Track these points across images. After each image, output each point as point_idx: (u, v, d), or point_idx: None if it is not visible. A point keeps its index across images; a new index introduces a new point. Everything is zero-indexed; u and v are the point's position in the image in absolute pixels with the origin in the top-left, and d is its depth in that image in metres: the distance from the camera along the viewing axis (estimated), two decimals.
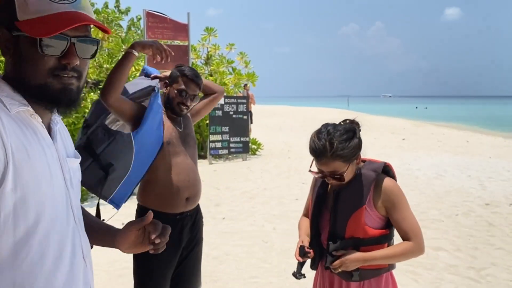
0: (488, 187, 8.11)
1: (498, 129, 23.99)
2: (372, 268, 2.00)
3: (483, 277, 4.26)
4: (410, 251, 1.94)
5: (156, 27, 9.72)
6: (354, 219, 1.97)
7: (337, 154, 1.89)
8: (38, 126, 1.08)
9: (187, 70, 2.54)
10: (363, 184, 1.99)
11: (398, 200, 1.97)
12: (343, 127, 1.98)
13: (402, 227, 1.97)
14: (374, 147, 14.05)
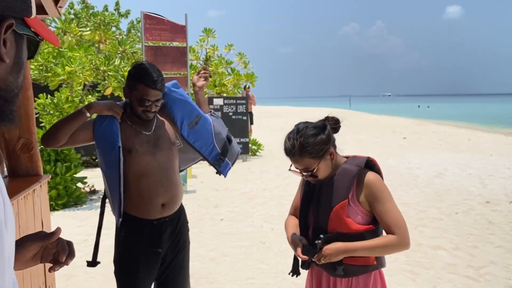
0: (488, 185, 8.07)
1: (500, 127, 23.90)
2: (358, 264, 1.97)
3: (482, 276, 4.22)
4: (393, 244, 1.91)
5: (153, 29, 9.72)
6: (336, 213, 1.95)
7: (304, 151, 1.92)
8: None
9: (145, 74, 2.29)
10: (345, 179, 1.97)
11: (380, 194, 1.95)
12: (313, 124, 1.99)
13: (385, 221, 1.94)
14: (375, 146, 14.02)
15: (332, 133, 2.03)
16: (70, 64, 6.52)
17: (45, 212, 2.63)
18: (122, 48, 7.51)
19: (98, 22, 7.48)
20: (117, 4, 19.39)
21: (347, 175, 1.98)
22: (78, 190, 7.26)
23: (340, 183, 1.98)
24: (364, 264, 1.98)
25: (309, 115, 24.03)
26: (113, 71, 7.26)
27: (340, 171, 2.00)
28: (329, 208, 1.97)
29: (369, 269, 2.00)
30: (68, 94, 6.74)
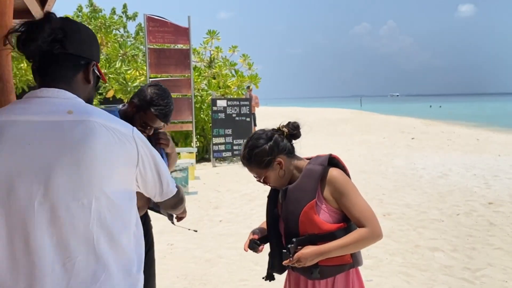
0: (493, 185, 7.95)
1: (509, 127, 23.54)
2: (333, 264, 1.95)
3: (478, 278, 4.16)
4: (364, 237, 1.90)
5: (157, 31, 9.79)
6: (305, 215, 1.94)
7: (249, 161, 2.02)
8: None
9: (159, 105, 2.32)
10: (310, 179, 1.97)
11: (344, 188, 1.94)
12: (261, 135, 2.03)
13: (353, 214, 1.93)
14: (382, 147, 13.92)
15: (280, 141, 2.03)
16: None
17: None
18: (123, 51, 7.56)
19: (98, 25, 7.54)
20: (125, 7, 19.53)
21: (311, 175, 1.97)
22: None
23: (306, 184, 1.97)
24: (339, 264, 1.97)
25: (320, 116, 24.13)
26: (114, 73, 7.31)
27: (305, 173, 2.00)
28: (298, 211, 1.96)
29: (345, 268, 1.99)
30: None
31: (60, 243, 1.23)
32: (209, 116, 11.74)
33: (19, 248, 1.21)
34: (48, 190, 1.21)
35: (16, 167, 1.22)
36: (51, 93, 1.30)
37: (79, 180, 1.23)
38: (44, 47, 1.28)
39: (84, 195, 1.24)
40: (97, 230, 1.26)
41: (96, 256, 1.26)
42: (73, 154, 1.23)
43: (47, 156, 1.22)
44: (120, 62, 7.41)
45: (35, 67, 1.34)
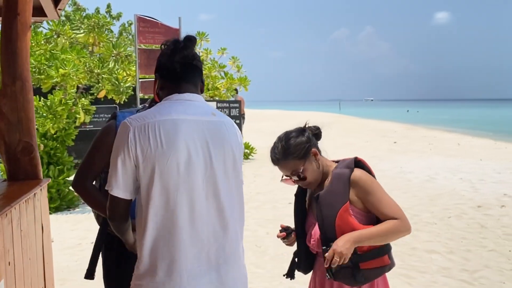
0: (479, 189, 8.15)
1: (488, 132, 24.20)
2: (374, 267, 1.96)
3: (476, 279, 4.26)
4: (397, 227, 1.93)
5: (147, 32, 9.68)
6: (340, 218, 1.96)
7: (287, 153, 2.03)
8: None
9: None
10: (340, 182, 2.00)
11: (369, 187, 1.97)
12: (293, 130, 2.11)
13: (382, 211, 1.95)
14: (366, 150, 14.10)
15: (312, 136, 2.10)
16: (64, 66, 6.47)
17: (45, 216, 2.61)
18: (116, 51, 7.47)
19: (92, 24, 7.44)
20: (109, 6, 19.34)
21: (341, 178, 2.00)
22: (70, 194, 7.20)
23: (337, 188, 2.00)
24: (380, 266, 1.98)
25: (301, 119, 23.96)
26: (107, 73, 7.22)
27: (334, 177, 2.03)
28: (333, 215, 1.97)
29: (385, 270, 2.01)
30: (61, 96, 6.69)
31: (216, 214, 1.65)
32: None
33: (187, 216, 1.60)
34: (211, 174, 1.63)
35: (191, 155, 1.59)
36: (195, 98, 1.72)
37: (231, 167, 1.70)
38: (190, 58, 1.72)
39: (230, 176, 1.70)
40: (240, 204, 1.75)
41: (241, 222, 1.75)
42: (221, 146, 1.67)
43: (207, 147, 1.63)
44: (114, 62, 7.32)
45: (173, 74, 1.71)
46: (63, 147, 7.31)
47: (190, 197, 1.59)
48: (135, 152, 1.55)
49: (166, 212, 1.57)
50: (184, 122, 1.61)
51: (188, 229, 1.59)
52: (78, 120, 7.24)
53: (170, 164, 1.55)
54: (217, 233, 1.65)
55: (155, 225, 1.57)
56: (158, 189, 1.56)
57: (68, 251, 5.23)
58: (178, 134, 1.58)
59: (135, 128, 1.56)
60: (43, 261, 2.50)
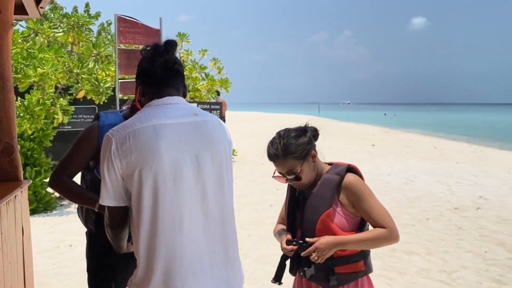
0: (456, 191, 8.34)
1: (463, 135, 24.77)
2: (349, 272, 2.00)
3: (454, 280, 4.35)
4: (382, 236, 1.95)
5: (127, 32, 9.58)
6: (322, 223, 1.99)
7: (287, 152, 2.00)
8: None
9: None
10: (328, 188, 2.02)
11: (361, 192, 1.99)
12: (294, 129, 2.09)
13: (372, 217, 1.98)
14: (345, 153, 14.25)
15: (313, 138, 2.10)
16: (42, 65, 6.34)
17: (25, 218, 2.55)
18: (96, 51, 7.36)
19: (71, 23, 7.31)
20: (87, 5, 19.03)
21: (329, 184, 2.02)
22: (48, 196, 7.05)
23: (323, 192, 2.02)
24: (354, 271, 2.02)
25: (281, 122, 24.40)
26: (86, 74, 7.10)
27: (322, 181, 2.05)
28: (315, 218, 2.00)
29: (359, 275, 2.04)
30: (39, 96, 6.55)
31: (207, 214, 1.63)
32: None
33: (177, 219, 1.58)
34: (200, 175, 1.62)
35: (177, 158, 1.58)
36: (175, 100, 1.70)
37: (218, 165, 1.67)
38: (171, 63, 1.70)
39: (221, 176, 1.68)
40: (230, 205, 1.72)
41: (229, 224, 1.71)
42: (210, 145, 1.65)
43: (195, 149, 1.62)
44: (93, 62, 7.21)
45: (154, 79, 1.69)
46: (40, 148, 7.16)
47: (180, 201, 1.57)
48: (119, 164, 1.55)
49: (158, 219, 1.55)
50: (165, 126, 1.59)
51: (181, 233, 1.57)
52: (56, 120, 7.10)
53: (155, 171, 1.54)
54: (212, 235, 1.64)
55: (147, 233, 1.56)
56: (147, 197, 1.54)
57: (46, 254, 5.12)
58: (159, 140, 1.56)
59: (117, 140, 1.56)
60: (23, 265, 2.45)
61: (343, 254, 2.00)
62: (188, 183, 1.59)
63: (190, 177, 1.59)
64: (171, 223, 1.56)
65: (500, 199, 7.75)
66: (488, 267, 4.65)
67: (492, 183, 9.25)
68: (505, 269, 4.59)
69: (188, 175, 1.59)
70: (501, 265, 4.71)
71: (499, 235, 5.75)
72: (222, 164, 1.69)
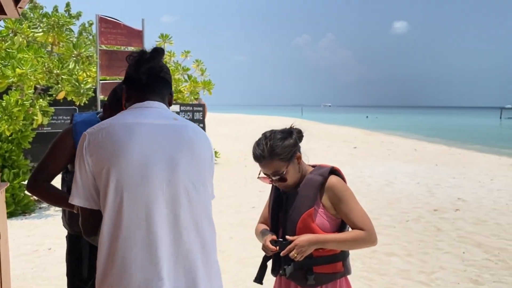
0: (435, 193, 8.47)
1: (443, 138, 25.20)
2: (327, 272, 2.03)
3: (433, 281, 4.42)
4: (361, 238, 1.98)
5: (109, 32, 9.50)
6: (303, 222, 2.01)
7: (273, 153, 2.02)
8: None
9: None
10: (311, 188, 2.04)
11: (343, 194, 2.02)
12: (280, 130, 2.10)
13: (351, 219, 2.01)
14: (328, 155, 14.36)
15: (298, 139, 2.12)
16: (21, 66, 6.23)
17: (2, 221, 2.50)
18: (77, 52, 7.26)
19: (51, 23, 7.19)
20: (68, 5, 18.78)
21: (312, 184, 2.05)
22: (26, 198, 6.93)
23: (306, 192, 2.05)
24: (333, 272, 2.05)
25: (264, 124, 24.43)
26: (67, 74, 7.00)
27: (306, 181, 2.08)
28: (297, 217, 2.03)
29: (337, 276, 2.06)
30: (18, 97, 6.43)
31: (178, 218, 1.55)
32: None
33: (141, 220, 1.51)
34: (173, 177, 1.56)
35: (148, 157, 1.53)
36: (156, 105, 1.68)
37: (195, 169, 1.62)
38: (157, 70, 1.70)
39: (198, 182, 1.61)
40: (204, 210, 1.63)
41: (201, 231, 1.60)
42: (188, 149, 1.61)
43: (170, 150, 1.58)
44: (74, 62, 7.11)
45: (138, 84, 1.68)
46: (19, 150, 7.02)
47: (146, 202, 1.52)
48: (89, 160, 1.53)
49: (121, 220, 1.50)
50: (139, 125, 1.57)
51: (144, 236, 1.50)
52: (36, 122, 6.98)
53: (122, 168, 1.50)
54: (182, 241, 1.55)
55: (109, 235, 1.51)
56: (111, 195, 1.50)
57: (24, 257, 5.03)
58: (130, 138, 1.53)
59: (90, 136, 1.55)
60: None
61: (323, 254, 2.02)
62: (157, 184, 1.53)
63: (160, 178, 1.54)
64: (135, 225, 1.50)
65: (478, 201, 7.91)
66: (465, 268, 4.74)
67: (470, 185, 9.43)
68: (482, 270, 4.69)
69: (158, 175, 1.53)
70: (478, 265, 4.81)
71: (477, 236, 5.87)
72: (200, 168, 1.64)
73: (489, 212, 7.12)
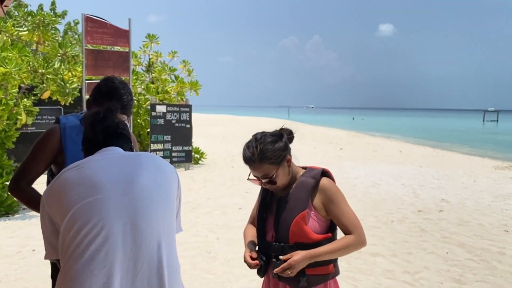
0: (420, 194, 8.58)
1: (427, 140, 25.51)
2: (319, 274, 2.04)
3: (417, 281, 4.48)
4: (352, 243, 2.01)
5: (95, 32, 9.44)
6: (296, 224, 2.02)
7: (263, 157, 2.01)
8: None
9: (116, 95, 2.23)
10: (303, 190, 2.05)
11: (334, 196, 2.04)
12: (270, 133, 2.09)
13: (341, 221, 2.03)
14: (314, 156, 14.44)
15: (288, 142, 2.12)
16: (5, 65, 6.14)
17: None
18: (63, 51, 7.19)
19: (36, 22, 7.11)
20: (53, 4, 18.56)
21: (304, 187, 2.06)
22: (10, 199, 6.83)
23: (299, 195, 2.05)
24: (325, 273, 2.06)
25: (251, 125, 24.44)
26: (52, 74, 6.93)
27: (298, 184, 2.08)
28: (289, 220, 2.03)
29: (329, 277, 2.08)
30: (2, 96, 6.33)
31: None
32: (146, 122, 11.48)
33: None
34: (131, 187, 1.61)
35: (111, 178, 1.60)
36: (113, 150, 1.74)
37: (158, 185, 1.67)
38: (113, 128, 1.76)
39: (164, 198, 1.70)
40: (169, 225, 1.69)
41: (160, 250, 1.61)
42: (149, 165, 1.69)
43: (126, 169, 1.64)
44: (60, 62, 7.04)
45: (97, 144, 1.73)
46: (2, 150, 6.93)
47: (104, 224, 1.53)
48: (50, 211, 1.61)
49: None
50: (88, 161, 1.65)
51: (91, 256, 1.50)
52: (20, 121, 6.90)
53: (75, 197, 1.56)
54: (134, 256, 1.56)
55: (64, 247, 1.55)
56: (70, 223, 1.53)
57: (7, 259, 4.96)
58: (78, 173, 1.59)
59: (46, 192, 1.65)
60: None
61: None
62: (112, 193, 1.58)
63: (116, 188, 1.59)
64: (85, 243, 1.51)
65: (461, 202, 8.03)
66: (449, 268, 4.81)
67: (454, 186, 9.57)
68: (465, 269, 4.76)
69: (113, 186, 1.59)
70: (461, 265, 4.89)
71: (460, 236, 5.96)
72: (163, 190, 1.68)
73: (472, 213, 7.24)
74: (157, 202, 1.64)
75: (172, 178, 1.76)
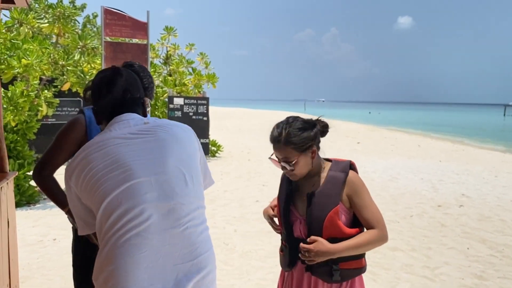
0: (439, 189, 8.46)
1: (446, 134, 25.13)
2: (353, 268, 2.01)
3: (437, 276, 4.42)
4: (374, 239, 1.97)
5: (114, 24, 9.50)
6: (329, 220, 1.99)
7: (288, 140, 1.99)
8: None
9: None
10: (335, 186, 2.02)
11: (359, 189, 2.02)
12: (304, 120, 2.06)
13: (364, 215, 2.00)
14: (331, 150, 14.35)
15: (319, 133, 2.08)
16: (26, 57, 6.23)
17: (11, 210, 2.51)
18: (83, 43, 7.25)
19: (57, 14, 7.18)
20: None
21: (335, 182, 2.03)
22: (31, 189, 6.95)
23: (330, 190, 2.02)
24: (358, 267, 2.03)
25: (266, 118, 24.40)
26: (72, 66, 7.00)
27: (328, 179, 2.05)
28: (323, 215, 2.00)
29: (361, 271, 2.05)
30: (23, 88, 6.43)
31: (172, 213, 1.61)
32: (164, 114, 11.54)
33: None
34: (160, 177, 1.60)
35: (134, 157, 1.59)
36: (127, 117, 1.71)
37: (186, 161, 1.68)
38: (118, 97, 1.69)
39: (189, 171, 1.70)
40: (199, 200, 1.70)
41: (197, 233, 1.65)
42: (172, 147, 1.65)
43: (155, 148, 1.63)
44: (79, 54, 7.10)
45: (107, 111, 1.69)
46: (23, 141, 7.04)
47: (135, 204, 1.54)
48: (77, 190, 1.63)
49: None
50: (115, 139, 1.63)
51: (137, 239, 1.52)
52: (40, 113, 6.99)
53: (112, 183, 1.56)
54: (175, 241, 1.58)
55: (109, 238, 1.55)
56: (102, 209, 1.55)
57: (29, 248, 5.05)
58: (108, 155, 1.58)
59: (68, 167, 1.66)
60: (8, 258, 2.41)
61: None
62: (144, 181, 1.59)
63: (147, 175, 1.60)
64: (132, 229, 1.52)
65: (482, 197, 7.89)
66: (470, 263, 4.74)
67: (474, 181, 9.41)
68: (486, 266, 4.68)
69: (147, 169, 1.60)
70: (483, 261, 4.81)
71: (481, 232, 5.86)
72: (189, 162, 1.69)
73: (493, 208, 7.11)
74: (188, 180, 1.64)
75: (193, 149, 1.76)
